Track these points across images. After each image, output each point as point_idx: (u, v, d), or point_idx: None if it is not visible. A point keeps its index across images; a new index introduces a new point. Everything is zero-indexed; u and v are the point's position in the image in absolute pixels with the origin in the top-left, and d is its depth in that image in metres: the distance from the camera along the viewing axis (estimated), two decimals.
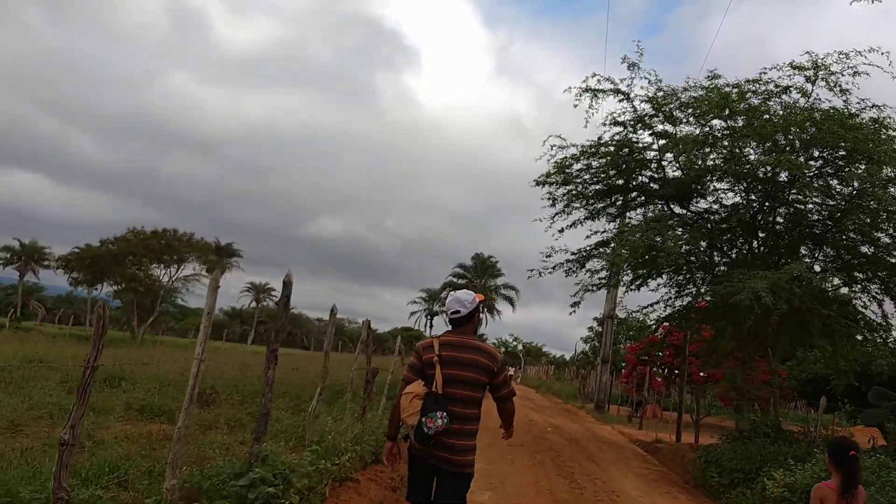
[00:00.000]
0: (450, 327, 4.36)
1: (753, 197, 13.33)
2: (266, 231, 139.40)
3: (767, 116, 12.63)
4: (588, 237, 16.51)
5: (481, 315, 4.52)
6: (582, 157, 13.99)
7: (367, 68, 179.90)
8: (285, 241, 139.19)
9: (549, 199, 15.01)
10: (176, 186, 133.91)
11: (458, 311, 4.22)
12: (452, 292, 4.44)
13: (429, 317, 69.23)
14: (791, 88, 12.74)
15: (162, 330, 53.41)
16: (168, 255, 41.76)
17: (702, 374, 24.80)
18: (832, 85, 12.53)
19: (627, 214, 15.85)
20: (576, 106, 13.72)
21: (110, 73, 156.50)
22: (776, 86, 12.85)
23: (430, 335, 71.36)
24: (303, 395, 14.82)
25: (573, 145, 14.34)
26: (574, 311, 14.91)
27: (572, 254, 14.88)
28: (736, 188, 13.65)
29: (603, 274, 14.63)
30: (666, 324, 18.73)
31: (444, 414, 3.95)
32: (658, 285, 15.75)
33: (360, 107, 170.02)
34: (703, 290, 15.08)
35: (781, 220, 13.87)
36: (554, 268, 14.88)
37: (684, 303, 16.71)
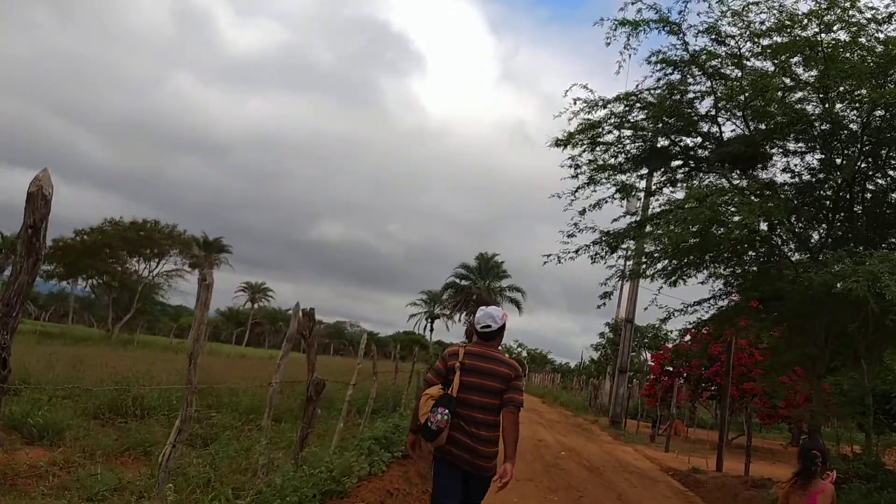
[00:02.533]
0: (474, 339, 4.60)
1: (846, 159, 10.16)
2: (270, 235, 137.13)
3: (865, 52, 9.51)
4: (615, 220, 13.44)
5: (515, 339, 5.26)
6: (616, 109, 10.87)
7: (372, 73, 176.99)
8: (289, 245, 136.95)
9: (571, 166, 11.92)
10: (181, 189, 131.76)
11: (489, 326, 4.44)
12: (483, 307, 4.73)
13: (429, 320, 65.90)
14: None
15: (144, 328, 50.39)
16: (149, 249, 38.77)
17: (738, 388, 21.60)
18: None
19: (665, 190, 12.74)
20: (608, 44, 10.58)
21: (116, 74, 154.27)
22: (873, 17, 9.75)
23: (431, 340, 68.47)
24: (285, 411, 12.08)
25: (602, 99, 11.24)
26: (604, 304, 11.84)
27: (602, 233, 11.77)
28: (821, 149, 10.51)
29: (642, 258, 11.51)
30: (696, 329, 15.56)
31: (446, 411, 4.21)
32: (708, 277, 12.65)
33: (364, 111, 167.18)
34: (762, 281, 11.95)
35: (873, 195, 10.75)
36: (577, 251, 11.78)
37: (726, 300, 13.68)
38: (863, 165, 10.09)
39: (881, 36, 9.87)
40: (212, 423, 9.85)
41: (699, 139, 11.33)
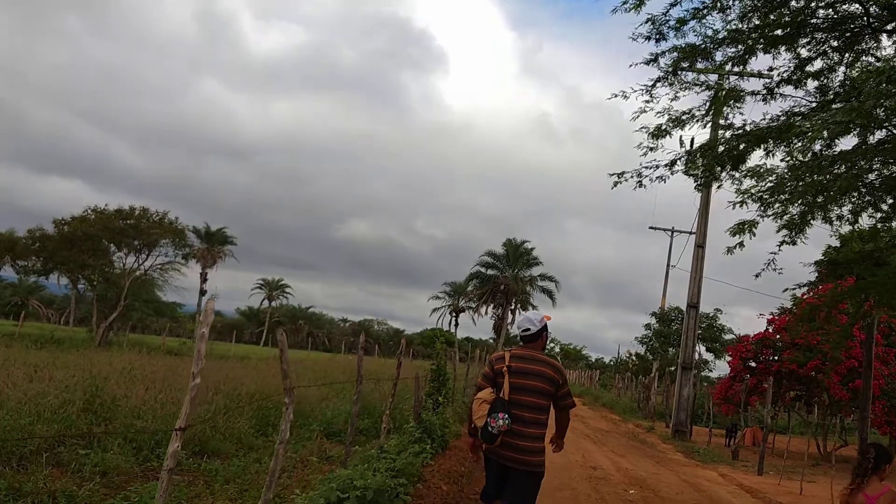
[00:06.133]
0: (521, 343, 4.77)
1: None
2: (299, 234, 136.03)
3: None
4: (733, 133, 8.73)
5: (549, 333, 4.83)
6: None
7: (395, 71, 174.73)
8: (318, 245, 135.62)
9: (649, 36, 7.26)
10: (212, 192, 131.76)
11: (529, 329, 4.67)
12: (523, 312, 5.32)
13: (454, 314, 60.89)
14: None
15: (138, 327, 46.51)
16: (139, 240, 34.66)
17: (846, 387, 16.67)
18: None
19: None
20: None
21: (145, 81, 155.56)
22: None
23: (457, 335, 63.64)
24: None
25: None
26: (738, 249, 7.15)
27: (729, 130, 7.10)
28: None
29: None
30: (828, 305, 10.70)
31: (506, 415, 4.33)
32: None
33: (388, 109, 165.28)
34: None
35: None
36: (673, 163, 7.12)
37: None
38: None
39: None
40: None
41: None
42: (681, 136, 9.20)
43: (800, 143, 6.27)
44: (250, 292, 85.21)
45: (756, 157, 8.82)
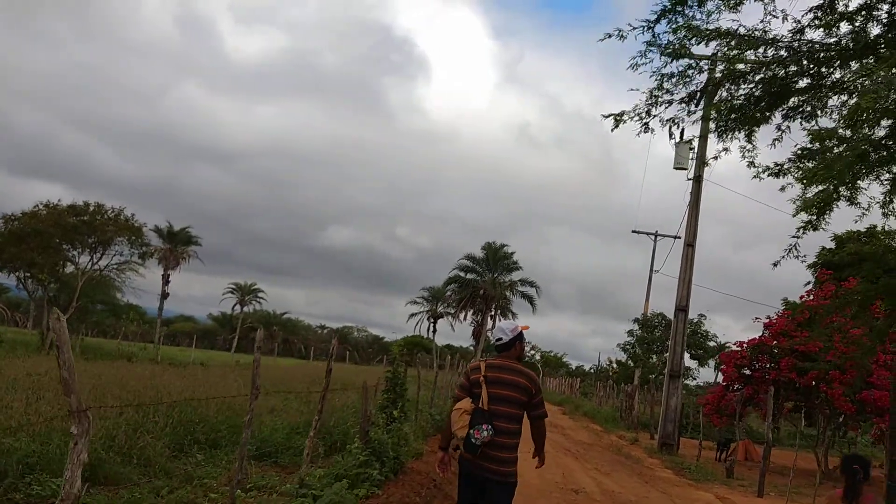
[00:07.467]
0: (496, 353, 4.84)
1: None
2: (280, 241, 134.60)
3: None
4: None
5: (527, 342, 5.07)
6: None
7: (377, 78, 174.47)
8: (299, 251, 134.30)
9: None
10: (194, 197, 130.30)
11: (501, 339, 4.74)
12: (498, 322, 5.88)
13: (432, 320, 59.06)
14: None
15: (109, 333, 44.08)
16: (94, 237, 32.61)
17: (852, 399, 15.18)
18: None
19: None
20: None
21: (127, 85, 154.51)
22: None
23: (435, 341, 61.83)
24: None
25: None
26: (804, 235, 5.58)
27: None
28: None
29: None
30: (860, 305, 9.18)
31: (489, 426, 4.37)
32: None
33: (370, 115, 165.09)
34: None
35: None
36: (692, 100, 5.48)
37: None
38: None
39: None
40: None
41: None
42: (671, 128, 7.73)
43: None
44: (221, 297, 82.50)
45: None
